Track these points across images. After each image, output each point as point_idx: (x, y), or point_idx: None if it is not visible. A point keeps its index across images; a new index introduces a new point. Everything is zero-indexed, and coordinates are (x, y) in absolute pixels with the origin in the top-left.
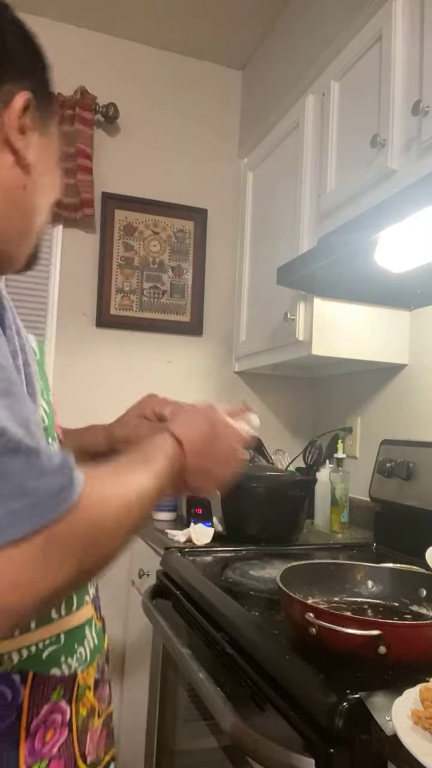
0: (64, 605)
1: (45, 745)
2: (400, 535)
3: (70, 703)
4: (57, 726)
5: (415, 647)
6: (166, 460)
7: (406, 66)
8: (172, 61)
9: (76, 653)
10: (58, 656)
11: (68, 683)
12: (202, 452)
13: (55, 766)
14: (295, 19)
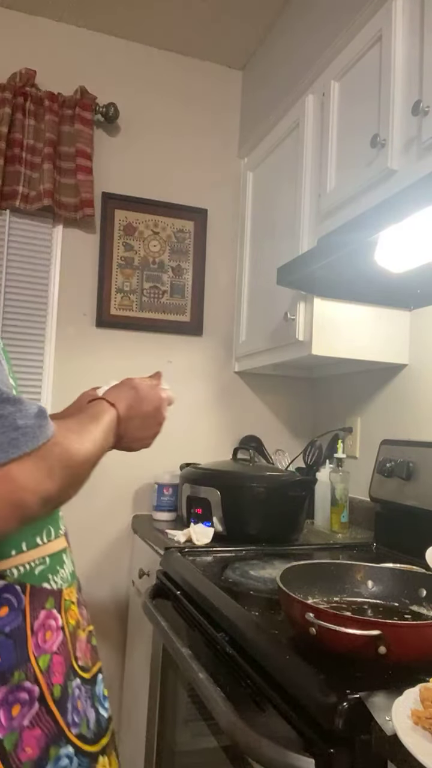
0: (45, 534)
1: (46, 643)
2: (400, 535)
3: (60, 612)
4: (53, 629)
5: (415, 647)
6: (106, 416)
7: (406, 66)
8: (172, 61)
9: (59, 573)
10: (46, 573)
11: (57, 596)
12: (132, 409)
13: (56, 660)
14: (295, 19)
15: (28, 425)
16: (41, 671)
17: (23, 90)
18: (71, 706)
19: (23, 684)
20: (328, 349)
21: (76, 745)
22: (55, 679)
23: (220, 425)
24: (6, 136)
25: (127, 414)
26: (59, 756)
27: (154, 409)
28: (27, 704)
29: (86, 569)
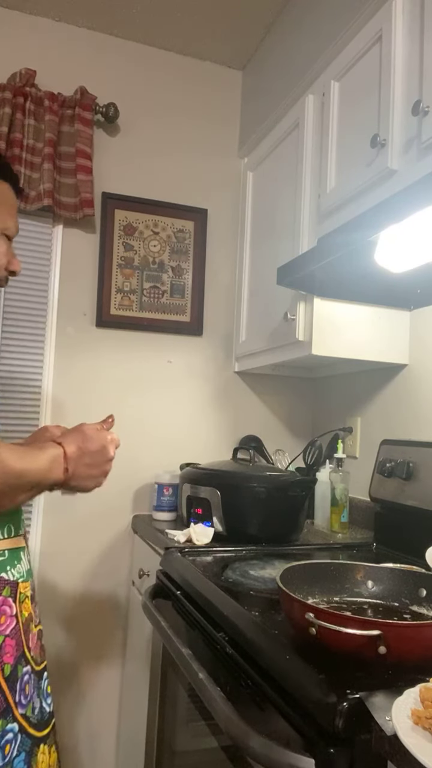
0: (5, 530)
1: (0, 626)
2: (400, 535)
3: (15, 602)
4: (7, 615)
5: (415, 647)
6: (51, 449)
7: (406, 66)
8: (172, 61)
9: (16, 567)
10: (4, 565)
11: (13, 587)
12: (79, 449)
13: (8, 642)
14: (295, 19)
15: None
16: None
17: (23, 90)
18: (20, 687)
19: None
20: (328, 349)
21: (21, 725)
22: (6, 659)
23: (220, 425)
24: (6, 136)
25: (74, 452)
26: (5, 730)
27: (100, 447)
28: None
29: (86, 569)
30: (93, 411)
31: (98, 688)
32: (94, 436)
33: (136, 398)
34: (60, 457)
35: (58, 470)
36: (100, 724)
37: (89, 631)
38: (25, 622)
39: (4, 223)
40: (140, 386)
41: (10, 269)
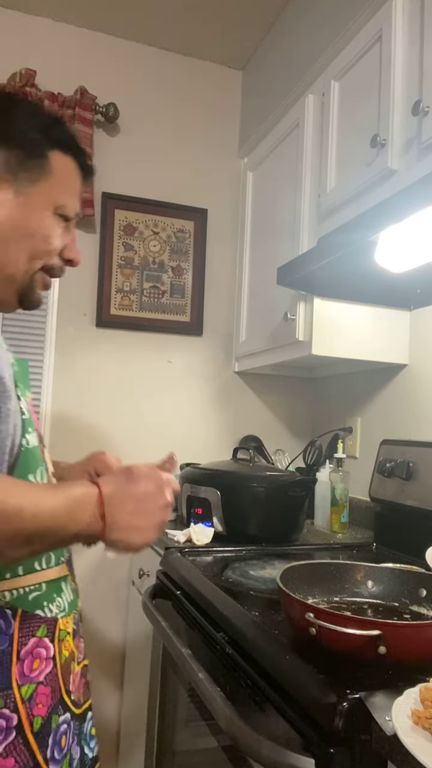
0: (44, 560)
1: (33, 672)
2: (400, 535)
3: (53, 642)
4: (42, 658)
5: (415, 647)
6: (78, 488)
7: (406, 66)
8: (172, 61)
9: (55, 602)
10: (41, 601)
11: (50, 625)
12: (121, 489)
13: (42, 691)
14: (295, 19)
15: None
16: (22, 700)
17: (23, 90)
18: (53, 741)
19: (1, 711)
20: (328, 349)
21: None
22: (37, 711)
23: (220, 425)
24: None
25: (114, 494)
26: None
27: (151, 490)
28: (3, 731)
29: (87, 569)
30: (93, 411)
31: (98, 688)
32: (142, 476)
33: (136, 398)
34: (91, 498)
35: (86, 516)
36: (100, 723)
37: (89, 630)
38: (65, 663)
39: (60, 200)
40: (140, 386)
41: (67, 257)
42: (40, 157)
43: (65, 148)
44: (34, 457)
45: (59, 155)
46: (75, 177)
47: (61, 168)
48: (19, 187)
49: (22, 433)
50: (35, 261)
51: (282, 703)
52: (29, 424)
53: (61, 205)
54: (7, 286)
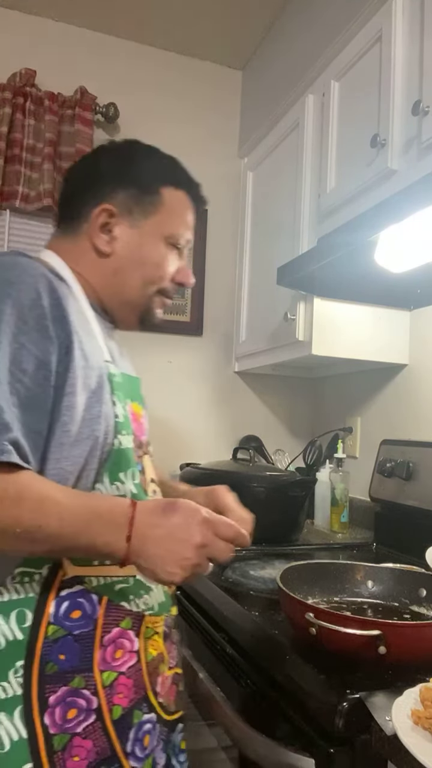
0: None
1: (115, 661)
2: (400, 535)
3: (137, 637)
4: (126, 650)
5: (415, 647)
6: (107, 501)
7: (406, 66)
8: (172, 61)
9: (142, 598)
10: (127, 593)
11: (136, 619)
12: (156, 514)
13: (123, 681)
14: (295, 19)
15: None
16: (103, 686)
17: (23, 90)
18: (134, 736)
19: (81, 691)
20: (328, 349)
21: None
22: (118, 700)
23: (220, 425)
24: (6, 136)
25: (146, 519)
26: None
27: (188, 523)
28: (83, 712)
29: None
30: None
31: None
32: (182, 509)
33: None
34: (118, 517)
35: (106, 532)
36: None
37: None
38: (152, 663)
39: (170, 230)
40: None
41: (179, 280)
42: (153, 194)
43: (178, 184)
44: (126, 458)
45: (171, 190)
46: (186, 209)
47: (173, 202)
48: (134, 221)
49: (114, 434)
50: (150, 286)
51: (282, 703)
52: (123, 427)
53: (171, 234)
54: (127, 308)
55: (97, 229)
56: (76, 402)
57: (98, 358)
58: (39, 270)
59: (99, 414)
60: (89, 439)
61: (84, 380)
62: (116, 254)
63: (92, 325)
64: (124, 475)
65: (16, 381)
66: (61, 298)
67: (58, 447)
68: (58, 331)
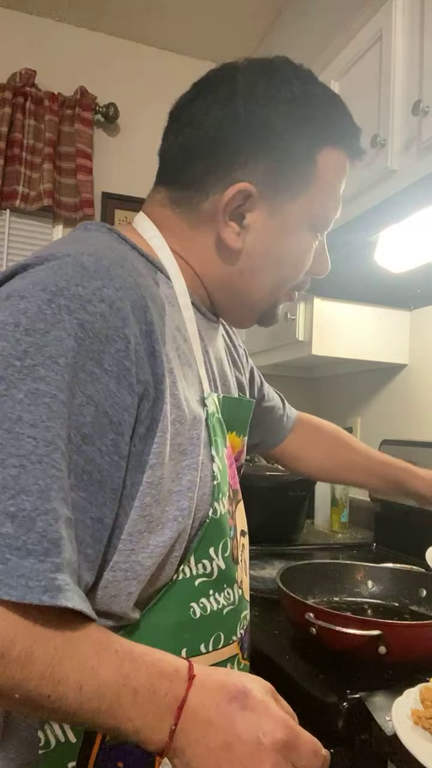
0: (213, 641)
1: None
2: (400, 535)
3: None
4: None
5: (415, 647)
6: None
7: (406, 66)
8: (172, 61)
9: None
10: None
11: None
12: (215, 713)
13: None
14: (295, 19)
15: (17, 566)
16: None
17: (23, 90)
18: None
19: None
20: (328, 349)
21: None
22: None
23: None
24: (6, 136)
25: (202, 711)
26: None
27: (253, 736)
28: None
29: None
30: None
31: None
32: (259, 708)
33: None
34: (162, 699)
35: (139, 717)
36: None
37: None
38: None
39: (319, 211)
40: None
41: (314, 272)
42: (308, 164)
43: (337, 142)
44: (221, 528)
45: (328, 152)
46: (342, 176)
47: (328, 170)
48: (276, 204)
49: (210, 503)
50: (281, 287)
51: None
52: (220, 489)
53: (321, 217)
54: (246, 310)
55: (227, 216)
56: (163, 475)
57: (195, 399)
58: (131, 279)
59: (193, 484)
60: (176, 520)
61: (174, 440)
62: (247, 250)
63: (192, 343)
64: (215, 550)
65: (74, 452)
66: (154, 323)
67: (135, 536)
68: (143, 375)
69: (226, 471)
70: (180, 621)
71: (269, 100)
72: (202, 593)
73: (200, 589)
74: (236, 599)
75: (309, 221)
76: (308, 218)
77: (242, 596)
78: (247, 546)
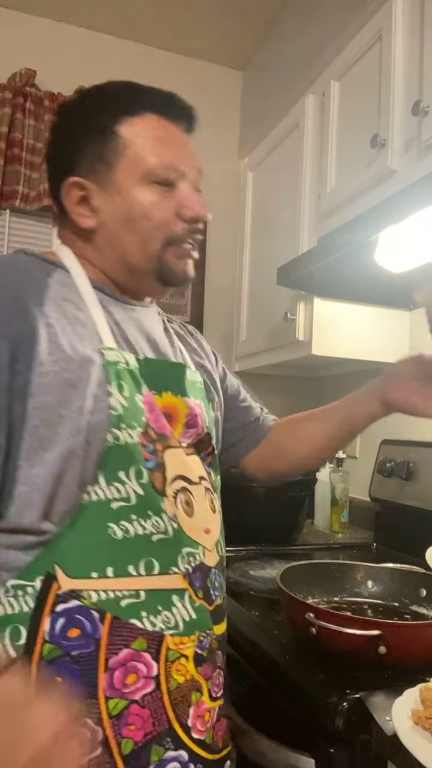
0: (143, 566)
1: (125, 687)
2: (400, 535)
3: (157, 661)
4: (140, 675)
5: (415, 647)
6: None
7: (406, 66)
8: (172, 62)
9: (161, 615)
10: (137, 609)
11: (153, 640)
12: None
13: (136, 711)
14: (295, 19)
15: None
16: (109, 715)
17: (23, 90)
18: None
19: (84, 720)
20: (328, 349)
21: None
22: (128, 732)
23: None
24: (6, 136)
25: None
26: None
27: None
28: (89, 743)
29: None
30: None
31: None
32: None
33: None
34: None
35: None
36: None
37: None
38: (178, 690)
39: (144, 167)
40: None
41: (187, 216)
42: (111, 138)
43: (135, 110)
44: (128, 454)
45: (129, 121)
46: (156, 130)
47: (135, 133)
48: (105, 180)
49: (109, 429)
50: (150, 242)
51: (282, 703)
52: (123, 420)
53: (148, 170)
54: (138, 276)
55: (74, 208)
56: (50, 402)
57: (89, 348)
58: (8, 264)
59: (81, 409)
60: (67, 438)
61: (61, 375)
62: (103, 224)
63: (91, 311)
64: (125, 474)
65: None
66: (22, 291)
67: (31, 453)
68: (12, 327)
69: (141, 409)
70: (101, 540)
71: (66, 113)
72: (121, 516)
73: (119, 512)
74: (170, 530)
75: (140, 176)
76: (138, 175)
77: (182, 532)
78: (196, 494)
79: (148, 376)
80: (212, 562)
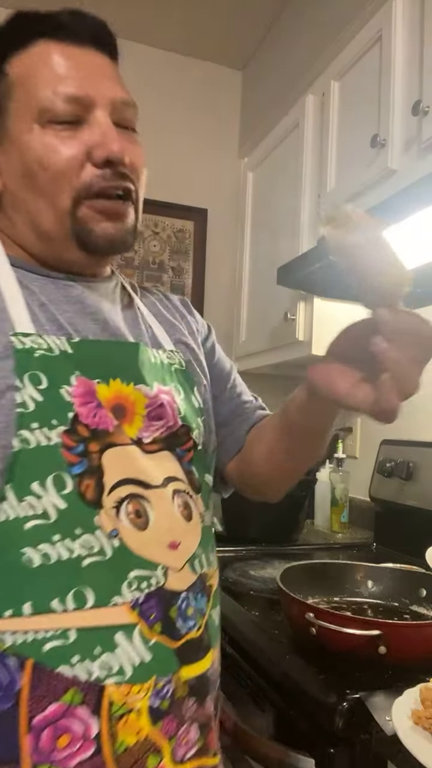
0: (72, 598)
1: (56, 751)
2: (400, 535)
3: (98, 717)
4: (76, 736)
5: (415, 647)
6: None
7: (406, 66)
8: (172, 61)
9: (99, 659)
10: (65, 654)
11: (89, 691)
12: None
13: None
14: (295, 19)
15: None
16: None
17: None
18: None
19: None
20: None
21: None
22: None
23: None
24: None
25: None
26: None
27: None
28: None
29: None
30: None
31: None
32: None
33: None
34: None
35: None
36: None
37: None
38: (128, 754)
39: (36, 102)
40: None
41: (98, 158)
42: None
43: (19, 43)
44: (43, 460)
45: (16, 56)
46: (44, 57)
47: (22, 67)
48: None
49: (15, 432)
50: (55, 198)
51: (282, 703)
52: (33, 419)
53: (40, 107)
54: (54, 243)
55: None
56: None
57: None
58: None
59: None
60: None
61: None
62: (6, 187)
63: (2, 294)
64: (41, 484)
65: None
66: None
67: None
68: None
69: (61, 405)
70: (13, 569)
71: None
72: (39, 538)
73: (35, 534)
74: (107, 551)
75: (32, 118)
76: (30, 116)
77: (127, 551)
78: (164, 499)
79: (85, 361)
80: (181, 585)
